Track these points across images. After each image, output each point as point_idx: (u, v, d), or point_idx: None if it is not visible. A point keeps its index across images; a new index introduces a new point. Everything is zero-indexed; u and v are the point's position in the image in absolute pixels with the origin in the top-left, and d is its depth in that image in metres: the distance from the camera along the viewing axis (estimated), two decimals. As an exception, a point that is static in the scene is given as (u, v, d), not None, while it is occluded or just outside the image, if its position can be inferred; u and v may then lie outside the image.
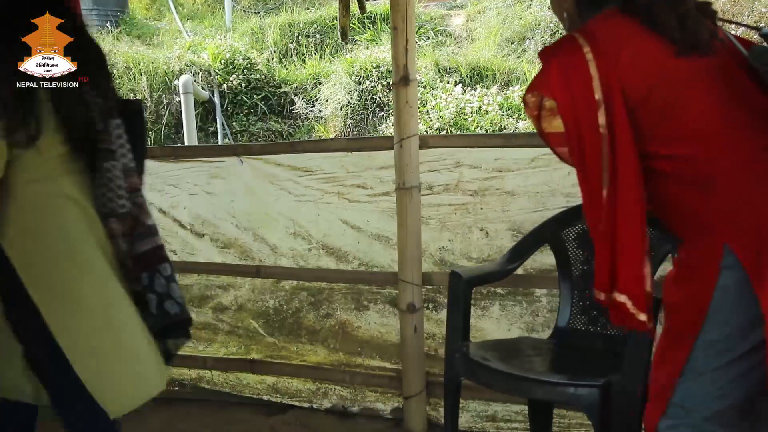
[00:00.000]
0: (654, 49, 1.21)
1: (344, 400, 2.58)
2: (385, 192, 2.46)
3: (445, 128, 5.88)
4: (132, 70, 6.77)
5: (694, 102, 1.21)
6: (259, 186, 2.62)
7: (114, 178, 1.39)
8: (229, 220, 2.68)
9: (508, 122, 5.84)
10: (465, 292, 1.87)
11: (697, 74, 1.21)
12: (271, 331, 2.68)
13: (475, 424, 2.36)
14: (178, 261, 2.74)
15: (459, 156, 2.35)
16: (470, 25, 7.48)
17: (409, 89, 2.25)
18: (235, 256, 2.68)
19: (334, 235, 2.56)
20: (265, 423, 2.53)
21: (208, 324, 2.75)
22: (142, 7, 9.39)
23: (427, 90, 6.31)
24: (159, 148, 4.76)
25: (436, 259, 2.43)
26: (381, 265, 2.51)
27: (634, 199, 1.20)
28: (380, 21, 7.41)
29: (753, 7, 6.01)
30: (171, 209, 2.73)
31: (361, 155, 2.49)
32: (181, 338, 1.54)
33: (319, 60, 7.32)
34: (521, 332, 2.32)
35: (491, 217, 2.33)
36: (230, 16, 8.57)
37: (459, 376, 1.83)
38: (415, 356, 2.37)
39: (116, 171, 1.40)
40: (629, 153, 1.19)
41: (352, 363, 2.57)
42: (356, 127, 6.49)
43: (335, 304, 2.59)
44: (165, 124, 6.62)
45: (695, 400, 1.22)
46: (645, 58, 1.21)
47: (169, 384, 2.75)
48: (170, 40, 7.88)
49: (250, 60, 7.12)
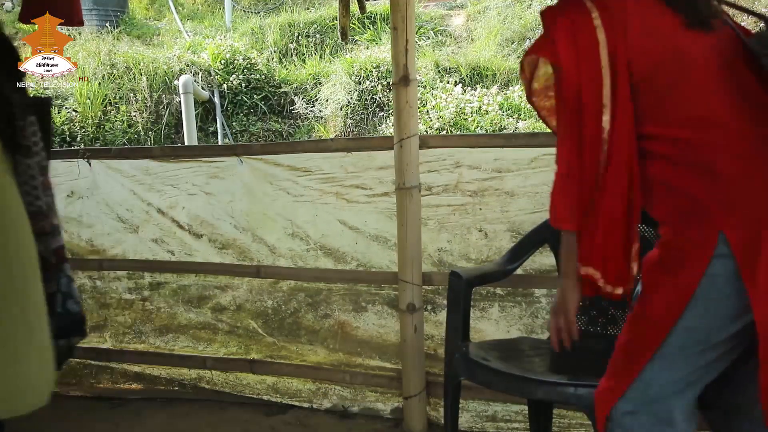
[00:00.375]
0: (663, 24, 1.17)
1: (344, 400, 2.58)
2: (383, 192, 2.46)
3: (445, 128, 5.87)
4: (132, 70, 6.77)
5: (698, 85, 1.17)
6: (257, 186, 2.62)
7: (33, 176, 1.36)
8: (228, 221, 2.68)
9: (508, 122, 5.84)
10: (465, 292, 1.87)
11: (702, 54, 1.18)
12: (271, 331, 2.68)
13: (475, 424, 2.36)
14: (176, 261, 2.74)
15: (458, 156, 2.35)
16: (470, 25, 7.48)
17: (409, 89, 2.25)
18: (234, 256, 2.68)
19: (332, 235, 2.55)
20: (265, 423, 2.53)
21: (208, 324, 2.75)
22: (142, 7, 9.38)
23: (427, 90, 6.31)
24: (159, 148, 4.76)
25: (435, 260, 2.42)
26: (379, 266, 2.50)
27: (624, 175, 1.18)
28: (380, 21, 7.41)
29: (753, 7, 6.02)
30: (169, 209, 2.73)
31: (360, 155, 2.49)
32: (77, 337, 1.51)
33: (319, 60, 7.32)
34: (520, 333, 2.31)
35: (490, 217, 2.33)
36: (230, 16, 8.57)
37: (459, 376, 1.83)
38: (414, 356, 2.37)
39: (34, 168, 1.37)
40: (627, 130, 1.16)
41: (351, 363, 2.57)
42: (356, 127, 6.48)
43: (334, 305, 2.59)
44: (165, 124, 6.61)
45: (662, 387, 1.19)
46: (654, 32, 1.17)
47: (169, 384, 2.78)
48: (170, 40, 7.88)
49: (250, 60, 7.11)
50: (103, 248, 2.81)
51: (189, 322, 2.76)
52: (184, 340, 2.77)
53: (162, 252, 2.75)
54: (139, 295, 2.82)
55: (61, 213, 2.79)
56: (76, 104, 6.51)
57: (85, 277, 2.86)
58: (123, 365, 2.84)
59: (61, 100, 6.61)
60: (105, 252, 2.81)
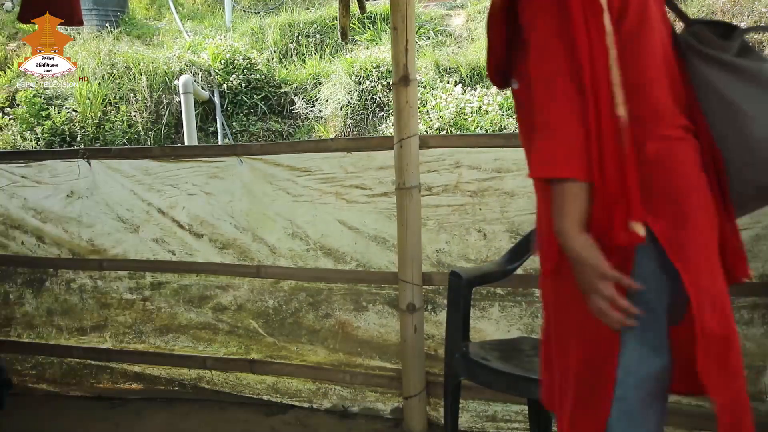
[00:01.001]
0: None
1: (344, 400, 2.58)
2: (383, 193, 2.46)
3: (445, 128, 5.88)
4: (132, 70, 6.77)
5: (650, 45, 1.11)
6: (257, 186, 2.62)
7: None
8: (228, 221, 2.68)
9: (508, 122, 5.83)
10: (465, 292, 1.87)
11: (660, 36, 1.14)
12: (271, 331, 2.68)
13: (475, 424, 2.36)
14: (177, 261, 2.74)
15: (458, 156, 2.35)
16: (470, 25, 7.47)
17: (409, 89, 2.25)
18: (234, 256, 2.68)
19: (331, 235, 2.55)
20: (265, 423, 2.53)
21: (208, 324, 2.75)
22: (142, 7, 9.39)
23: (427, 90, 6.31)
24: (159, 148, 4.77)
25: (434, 261, 2.42)
26: (378, 267, 2.50)
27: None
28: (380, 21, 7.41)
29: (753, 7, 6.02)
30: (170, 209, 2.73)
31: (360, 155, 2.49)
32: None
33: (319, 60, 7.32)
34: (520, 333, 2.31)
35: (489, 218, 2.33)
36: (230, 16, 8.57)
37: (459, 376, 1.83)
38: (415, 356, 2.37)
39: None
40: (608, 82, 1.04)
41: (352, 363, 2.57)
42: (356, 127, 6.48)
43: (334, 305, 2.59)
44: (165, 124, 6.61)
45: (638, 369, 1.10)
46: None
47: (169, 384, 2.78)
48: (170, 40, 7.88)
49: (250, 60, 7.11)
50: (104, 248, 2.81)
51: (189, 322, 2.77)
52: (184, 340, 2.77)
53: (163, 252, 2.75)
54: (140, 294, 2.82)
55: (61, 213, 2.82)
56: (76, 104, 6.51)
57: (86, 277, 2.86)
58: (123, 365, 2.84)
59: (61, 100, 6.61)
60: (106, 252, 2.81)
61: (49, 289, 2.90)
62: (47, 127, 6.19)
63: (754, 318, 2.07)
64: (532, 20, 1.09)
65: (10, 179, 2.87)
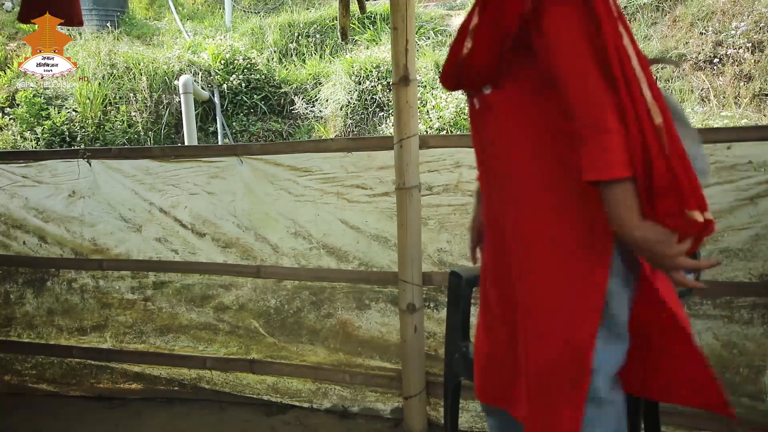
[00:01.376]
0: None
1: (344, 400, 2.58)
2: (384, 192, 2.46)
3: (445, 128, 5.87)
4: (132, 70, 6.77)
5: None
6: (258, 186, 2.62)
7: None
8: (230, 220, 2.68)
9: (508, 122, 5.82)
10: (465, 292, 1.87)
11: None
12: (272, 331, 2.68)
13: (475, 424, 2.36)
14: (179, 261, 2.75)
15: (458, 156, 2.35)
16: (470, 25, 7.46)
17: (409, 89, 2.25)
18: (237, 255, 2.69)
19: (333, 235, 2.56)
20: (265, 423, 2.54)
21: (209, 324, 2.75)
22: (142, 7, 9.39)
23: (427, 90, 6.31)
24: (159, 148, 4.76)
25: (435, 260, 2.43)
26: (380, 266, 2.51)
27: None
28: (380, 21, 7.41)
29: (753, 7, 6.01)
30: (172, 209, 2.74)
31: (360, 155, 2.49)
32: None
33: (319, 60, 7.32)
34: (521, 332, 2.31)
35: (491, 217, 2.33)
36: (230, 16, 8.57)
37: (459, 376, 1.83)
38: (415, 356, 2.37)
39: None
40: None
41: (352, 363, 2.57)
42: (356, 127, 6.48)
43: (336, 304, 2.60)
44: (165, 124, 6.61)
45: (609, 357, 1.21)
46: None
47: (169, 384, 2.78)
48: (170, 40, 7.88)
49: (250, 60, 7.11)
50: (107, 247, 2.81)
51: (190, 323, 2.77)
52: (184, 340, 2.78)
53: (166, 251, 2.75)
54: (142, 294, 2.82)
55: (63, 212, 2.82)
56: (76, 104, 6.51)
57: (88, 277, 2.86)
58: (123, 365, 2.84)
59: (61, 100, 6.61)
60: (109, 251, 2.81)
61: (50, 289, 2.90)
62: (47, 127, 6.19)
63: (754, 318, 2.07)
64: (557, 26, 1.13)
65: (10, 179, 2.87)
